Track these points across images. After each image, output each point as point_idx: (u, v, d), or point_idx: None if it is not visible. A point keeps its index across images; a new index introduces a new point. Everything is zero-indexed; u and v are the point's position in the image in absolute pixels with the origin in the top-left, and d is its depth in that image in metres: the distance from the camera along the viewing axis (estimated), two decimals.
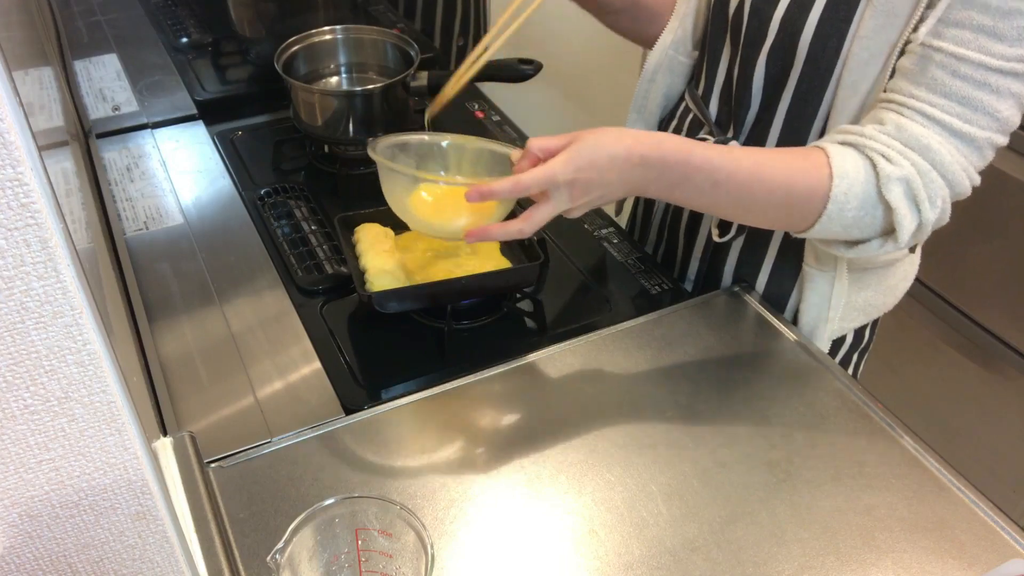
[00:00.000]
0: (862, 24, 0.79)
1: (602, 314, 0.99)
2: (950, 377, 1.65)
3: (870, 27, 0.78)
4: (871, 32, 0.78)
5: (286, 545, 0.61)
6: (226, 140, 1.28)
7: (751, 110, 0.92)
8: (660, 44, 1.03)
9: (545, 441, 0.82)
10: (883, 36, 0.78)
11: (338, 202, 1.16)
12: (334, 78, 1.30)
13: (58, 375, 0.42)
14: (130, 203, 1.13)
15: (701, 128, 1.00)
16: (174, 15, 1.58)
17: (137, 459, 0.48)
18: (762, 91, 0.90)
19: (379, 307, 0.90)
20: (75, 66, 1.39)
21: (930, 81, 0.75)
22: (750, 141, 0.94)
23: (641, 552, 0.72)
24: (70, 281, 0.40)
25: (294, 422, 0.83)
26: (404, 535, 0.64)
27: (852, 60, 0.80)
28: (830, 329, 0.97)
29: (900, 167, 0.75)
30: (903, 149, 0.76)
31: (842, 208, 0.77)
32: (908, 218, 0.76)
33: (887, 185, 0.75)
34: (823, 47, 0.82)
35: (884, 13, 0.77)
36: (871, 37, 0.79)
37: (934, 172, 0.75)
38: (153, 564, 0.53)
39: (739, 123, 0.94)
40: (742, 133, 0.94)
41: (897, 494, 0.78)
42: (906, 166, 0.75)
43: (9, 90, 0.36)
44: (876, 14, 0.78)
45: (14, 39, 0.63)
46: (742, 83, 0.92)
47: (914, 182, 0.75)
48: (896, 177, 0.75)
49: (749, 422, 0.84)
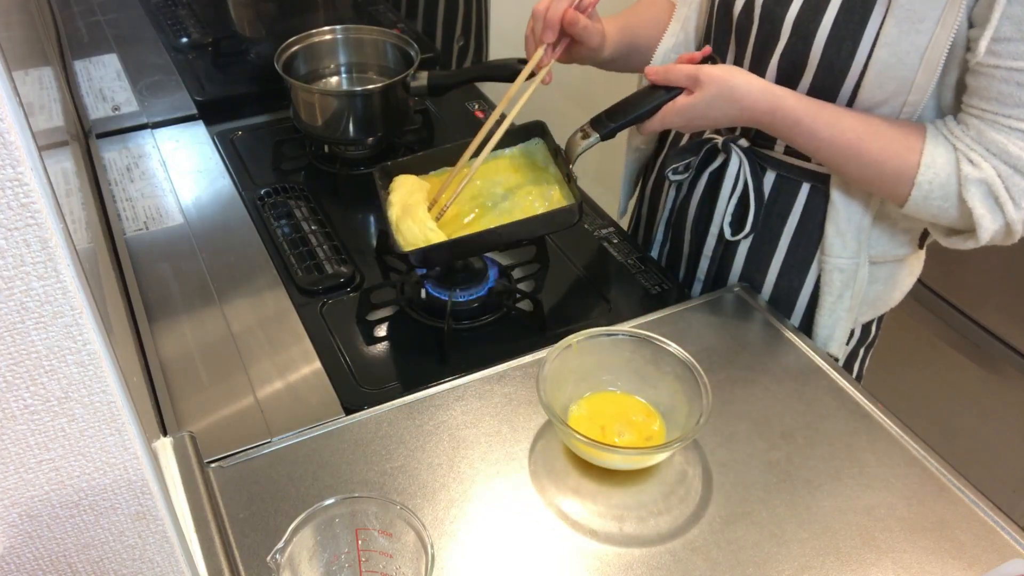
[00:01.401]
0: (886, 30, 0.79)
1: (602, 314, 0.99)
2: (950, 377, 1.65)
3: (894, 33, 0.79)
4: (895, 38, 0.79)
5: (286, 545, 0.61)
6: (226, 140, 1.28)
7: None
8: (661, 48, 1.03)
9: (545, 441, 0.81)
10: (910, 40, 0.79)
11: (338, 202, 1.16)
12: (334, 78, 1.30)
13: (58, 375, 0.42)
14: (130, 203, 1.13)
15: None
16: (174, 15, 1.58)
17: (137, 459, 0.48)
18: None
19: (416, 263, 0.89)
20: (75, 66, 1.39)
21: (998, 95, 0.77)
22: (759, 138, 0.94)
23: (641, 552, 0.72)
24: (70, 281, 0.40)
25: (294, 422, 0.83)
26: (404, 535, 0.64)
27: (877, 64, 0.81)
28: (852, 318, 0.98)
29: (980, 169, 0.79)
30: (984, 153, 0.79)
31: (926, 196, 0.82)
32: (987, 218, 0.80)
33: (967, 186, 0.79)
34: (838, 50, 0.83)
35: (907, 19, 0.78)
36: (895, 43, 0.79)
37: (1017, 175, 0.78)
38: (153, 564, 0.53)
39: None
40: (751, 130, 0.94)
41: (897, 494, 0.78)
42: (987, 169, 0.79)
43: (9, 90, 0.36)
44: (899, 20, 0.78)
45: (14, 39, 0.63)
46: None
47: (994, 184, 0.79)
48: (975, 179, 0.79)
49: (749, 422, 0.84)
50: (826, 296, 0.96)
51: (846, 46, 0.82)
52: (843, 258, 0.94)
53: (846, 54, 0.82)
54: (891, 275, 0.98)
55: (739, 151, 0.94)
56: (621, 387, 0.84)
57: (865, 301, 0.97)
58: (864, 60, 0.82)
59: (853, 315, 0.97)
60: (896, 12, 0.78)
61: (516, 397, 0.86)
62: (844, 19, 0.82)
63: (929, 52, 0.78)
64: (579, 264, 1.07)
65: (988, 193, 0.79)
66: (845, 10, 0.82)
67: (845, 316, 0.97)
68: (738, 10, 0.91)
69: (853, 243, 0.93)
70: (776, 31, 0.87)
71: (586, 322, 0.97)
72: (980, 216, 0.80)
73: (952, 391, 1.65)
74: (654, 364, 0.82)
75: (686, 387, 0.79)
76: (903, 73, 0.80)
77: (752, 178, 0.94)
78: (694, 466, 0.80)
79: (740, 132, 0.96)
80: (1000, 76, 0.76)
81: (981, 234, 0.81)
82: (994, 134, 0.78)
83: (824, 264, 0.95)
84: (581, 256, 1.09)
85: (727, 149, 0.95)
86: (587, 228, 1.13)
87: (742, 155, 0.94)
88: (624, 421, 0.81)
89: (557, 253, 1.09)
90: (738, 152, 0.94)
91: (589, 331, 0.83)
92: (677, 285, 1.05)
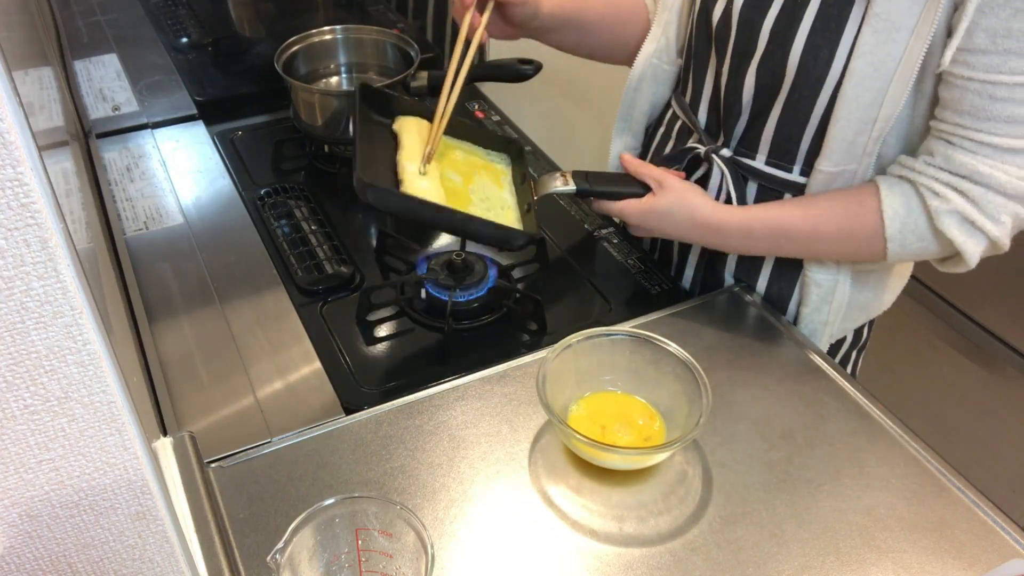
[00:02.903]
0: (862, 39, 0.79)
1: (602, 314, 0.99)
2: (950, 377, 1.65)
3: (871, 42, 0.79)
4: (872, 47, 0.79)
5: (286, 545, 0.61)
6: (226, 140, 1.28)
7: (742, 118, 0.92)
8: (643, 53, 1.03)
9: (545, 441, 0.81)
10: (885, 50, 0.78)
11: (338, 202, 1.16)
12: (334, 78, 1.30)
13: (58, 375, 0.42)
14: (130, 203, 1.13)
15: (690, 135, 1.00)
16: (174, 15, 1.58)
17: (137, 459, 0.48)
18: (752, 101, 0.90)
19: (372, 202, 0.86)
20: (75, 66, 1.39)
21: (971, 108, 0.77)
22: (741, 147, 0.94)
23: (641, 552, 0.72)
24: (70, 281, 0.40)
25: (294, 422, 0.83)
26: (404, 535, 0.64)
27: (855, 75, 0.80)
28: (829, 332, 0.97)
29: (948, 200, 0.80)
30: (952, 179, 0.79)
31: (903, 245, 0.84)
32: (970, 243, 0.81)
33: (939, 219, 0.80)
34: (814, 58, 0.82)
35: (885, 29, 0.78)
36: (873, 52, 0.79)
37: (990, 193, 0.78)
38: (153, 564, 0.53)
39: (729, 131, 0.94)
40: (732, 139, 0.94)
41: (897, 494, 0.78)
42: (954, 198, 0.79)
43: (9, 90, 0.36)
44: (876, 30, 0.78)
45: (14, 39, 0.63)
46: (732, 92, 0.91)
47: (965, 211, 0.79)
48: (945, 211, 0.80)
49: (749, 422, 0.84)
50: (803, 307, 0.97)
51: (823, 54, 0.82)
52: (820, 274, 0.94)
53: (823, 62, 0.82)
54: (879, 280, 0.97)
55: (720, 161, 0.94)
56: (621, 387, 0.84)
57: (854, 307, 0.97)
58: (841, 69, 0.81)
59: (831, 329, 0.97)
60: (872, 22, 0.78)
61: (516, 397, 0.86)
62: (820, 27, 0.81)
63: (904, 62, 0.78)
64: (579, 264, 1.07)
65: (963, 220, 0.80)
66: (821, 18, 0.81)
67: (821, 329, 0.97)
68: (716, 17, 0.91)
69: (830, 262, 0.93)
70: (754, 38, 0.87)
71: (586, 322, 0.97)
72: (962, 243, 0.80)
73: (952, 391, 1.65)
74: (654, 364, 0.82)
75: (686, 387, 0.79)
76: (879, 84, 0.80)
77: (735, 188, 0.93)
78: (694, 466, 0.80)
79: (722, 142, 0.95)
80: (973, 88, 0.76)
81: (969, 259, 0.82)
82: (962, 156, 0.78)
83: (803, 277, 0.95)
84: (581, 256, 1.09)
85: (709, 159, 0.95)
86: (587, 228, 1.13)
87: (723, 166, 0.93)
88: (624, 421, 0.81)
89: (557, 253, 1.09)
90: (719, 163, 0.94)
91: (589, 331, 0.83)
92: (677, 285, 1.05)
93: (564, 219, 1.00)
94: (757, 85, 0.88)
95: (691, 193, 0.91)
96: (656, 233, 0.95)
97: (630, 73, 1.05)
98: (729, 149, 0.94)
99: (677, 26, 1.00)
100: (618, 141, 1.10)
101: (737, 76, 0.90)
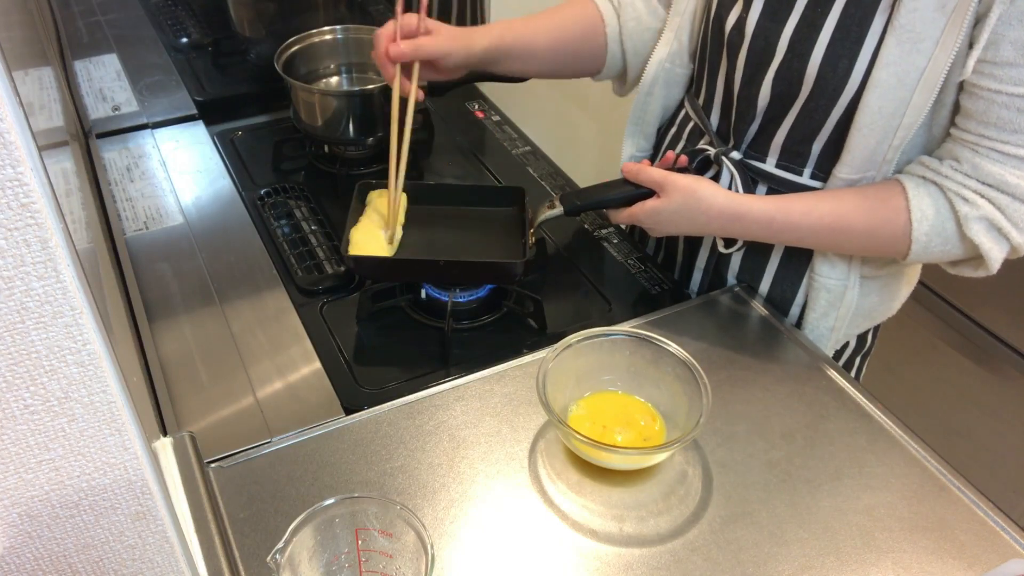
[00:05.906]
0: (887, 50, 0.79)
1: (602, 314, 0.99)
2: (950, 377, 1.65)
3: (895, 53, 0.78)
4: (897, 58, 0.78)
5: (286, 545, 0.61)
6: (226, 140, 1.28)
7: (754, 124, 0.92)
8: (655, 58, 1.02)
9: (545, 441, 0.81)
10: (910, 60, 0.78)
11: (338, 202, 1.16)
12: (334, 78, 1.30)
13: (58, 375, 0.42)
14: (130, 203, 1.13)
15: (701, 137, 1.00)
16: (174, 15, 1.58)
17: (137, 459, 0.48)
18: (767, 108, 0.90)
19: (356, 272, 0.91)
20: (75, 66, 1.39)
21: (997, 120, 0.77)
22: (751, 150, 0.94)
23: (641, 552, 0.72)
24: (70, 281, 0.40)
25: (294, 422, 0.83)
26: (404, 535, 0.64)
27: (879, 85, 0.80)
28: (835, 337, 0.97)
29: (977, 207, 0.80)
30: (980, 187, 0.80)
31: (926, 247, 0.83)
32: (995, 249, 0.81)
33: (967, 224, 0.80)
34: (833, 68, 0.82)
35: (909, 40, 0.77)
36: (897, 63, 0.79)
37: (1016, 202, 0.79)
38: (153, 564, 0.53)
39: (740, 135, 0.94)
40: (743, 143, 0.94)
41: (897, 494, 0.78)
42: (983, 205, 0.79)
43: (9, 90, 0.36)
44: (900, 40, 0.78)
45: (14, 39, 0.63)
46: (745, 99, 0.91)
47: (994, 218, 0.79)
48: (975, 217, 0.80)
49: (749, 422, 0.84)
50: (810, 312, 0.97)
51: (842, 64, 0.81)
52: (831, 279, 0.94)
53: (842, 72, 0.82)
54: (886, 287, 0.97)
55: (731, 164, 0.93)
56: (621, 387, 0.84)
57: (860, 313, 0.97)
58: (860, 79, 0.81)
59: (837, 335, 0.97)
60: (896, 33, 0.78)
61: (516, 397, 0.86)
62: (840, 37, 0.81)
63: (928, 73, 0.78)
64: (579, 264, 1.07)
65: (991, 227, 0.80)
66: (841, 28, 0.81)
67: (828, 334, 0.97)
68: (730, 26, 0.91)
69: (842, 264, 0.93)
70: (771, 48, 0.86)
71: (586, 322, 0.97)
72: (988, 249, 0.81)
73: (952, 391, 1.65)
74: (654, 364, 0.82)
75: (686, 387, 0.79)
76: (902, 94, 0.80)
77: (744, 190, 0.93)
78: (694, 466, 0.80)
79: (732, 144, 0.95)
80: (1001, 101, 0.76)
81: (991, 265, 0.82)
82: (990, 166, 0.78)
83: (812, 281, 0.95)
84: (581, 256, 1.09)
85: (719, 162, 0.95)
86: (587, 228, 1.13)
87: (733, 168, 0.93)
88: (624, 421, 0.81)
89: (557, 253, 1.09)
90: (729, 166, 0.93)
91: (589, 331, 0.83)
92: (676, 285, 1.05)
93: (564, 219, 1.00)
94: (773, 93, 0.88)
95: (700, 187, 0.88)
96: (672, 231, 0.93)
97: (642, 78, 1.05)
98: (739, 152, 0.94)
99: (690, 30, 1.00)
100: (629, 144, 1.10)
101: (752, 84, 0.90)
